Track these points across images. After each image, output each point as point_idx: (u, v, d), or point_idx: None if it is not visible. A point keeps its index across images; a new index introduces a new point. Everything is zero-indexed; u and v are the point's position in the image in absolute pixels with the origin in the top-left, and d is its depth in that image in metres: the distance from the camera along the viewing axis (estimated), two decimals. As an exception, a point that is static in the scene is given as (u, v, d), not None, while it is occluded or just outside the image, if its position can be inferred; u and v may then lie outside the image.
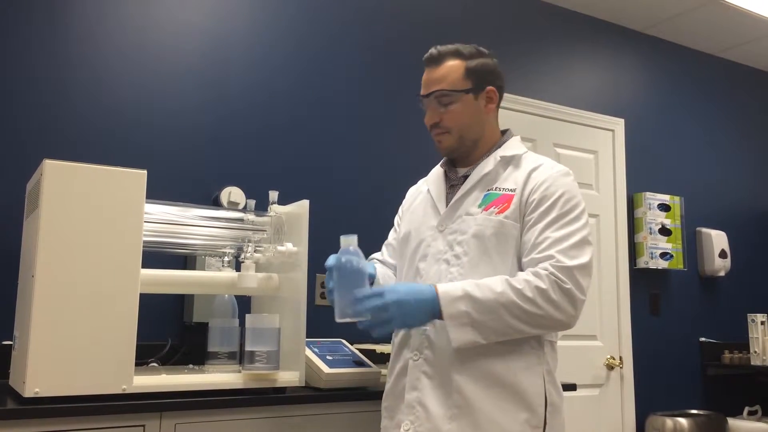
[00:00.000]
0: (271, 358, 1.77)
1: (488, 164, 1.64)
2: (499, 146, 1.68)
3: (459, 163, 1.72)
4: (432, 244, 1.64)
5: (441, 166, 1.77)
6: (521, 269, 1.53)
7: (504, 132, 1.74)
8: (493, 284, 1.46)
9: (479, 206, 1.60)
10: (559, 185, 1.56)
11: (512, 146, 1.69)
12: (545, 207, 1.53)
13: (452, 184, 1.70)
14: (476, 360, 1.50)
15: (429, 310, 1.46)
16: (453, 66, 1.63)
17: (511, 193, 1.58)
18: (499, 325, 1.44)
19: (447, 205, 1.66)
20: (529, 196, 1.56)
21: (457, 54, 1.64)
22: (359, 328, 1.49)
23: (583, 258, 1.48)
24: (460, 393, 1.49)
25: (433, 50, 1.66)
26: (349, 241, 1.49)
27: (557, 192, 1.55)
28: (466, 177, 1.67)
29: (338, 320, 1.45)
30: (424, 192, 1.77)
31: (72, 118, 2.32)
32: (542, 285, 1.44)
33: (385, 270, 1.84)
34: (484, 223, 1.57)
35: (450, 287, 1.47)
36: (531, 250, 1.51)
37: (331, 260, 1.49)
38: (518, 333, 1.47)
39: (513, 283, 1.45)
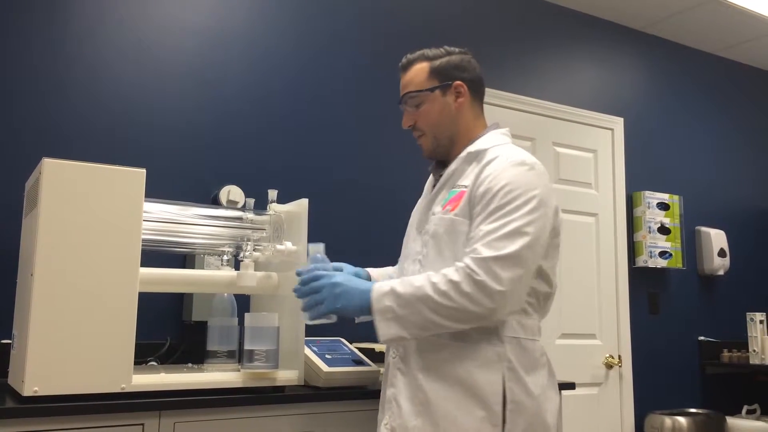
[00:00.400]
0: (270, 356, 1.77)
1: (456, 161, 1.65)
2: (473, 142, 1.67)
3: (447, 163, 1.73)
4: (411, 245, 1.69)
5: (430, 167, 1.79)
6: None
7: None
8: (415, 279, 1.48)
9: (441, 205, 1.62)
10: (503, 176, 1.52)
11: (484, 141, 1.66)
12: (487, 200, 1.51)
13: (435, 184, 1.72)
14: (435, 358, 1.53)
15: (363, 301, 1.50)
16: (419, 68, 1.68)
17: (465, 189, 1.58)
18: (418, 319, 1.45)
19: None
20: (476, 191, 1.54)
21: (423, 57, 1.70)
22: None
23: (508, 249, 1.43)
24: (422, 390, 1.52)
25: (403, 59, 1.73)
26: (317, 249, 1.61)
27: (500, 183, 1.51)
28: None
29: (306, 322, 1.56)
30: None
31: (71, 116, 2.32)
32: (455, 278, 1.43)
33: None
34: (439, 223, 1.59)
35: (382, 284, 1.51)
36: (466, 245, 1.51)
37: (300, 268, 1.60)
38: (440, 327, 1.46)
39: (431, 278, 1.46)
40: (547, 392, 1.55)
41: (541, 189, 1.52)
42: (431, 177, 1.77)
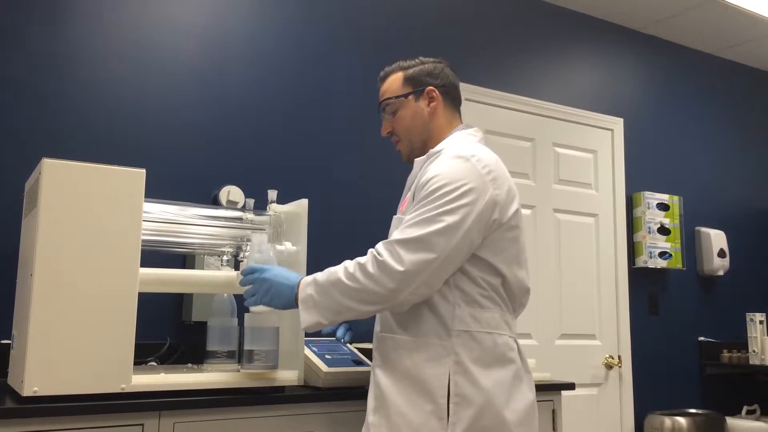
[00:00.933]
0: (270, 357, 1.77)
1: (416, 165, 1.70)
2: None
3: None
4: None
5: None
6: None
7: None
8: (334, 267, 1.54)
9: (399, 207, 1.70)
10: (434, 169, 1.55)
11: (445, 142, 1.69)
12: (418, 193, 1.55)
13: None
14: (389, 354, 1.57)
15: (290, 295, 1.57)
16: (394, 78, 1.77)
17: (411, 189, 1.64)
18: (332, 303, 1.50)
19: None
20: (416, 187, 1.59)
21: (398, 68, 1.79)
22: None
23: (415, 233, 1.46)
24: (379, 386, 1.57)
25: (381, 72, 1.81)
26: (260, 239, 1.76)
27: (430, 175, 1.54)
28: None
29: (250, 308, 1.70)
30: None
31: (71, 117, 2.32)
32: (362, 260, 1.49)
33: None
34: (393, 224, 1.66)
35: (309, 276, 1.57)
36: None
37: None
38: (351, 310, 1.50)
39: (345, 263, 1.52)
40: (510, 388, 1.51)
41: (472, 181, 1.52)
42: None
